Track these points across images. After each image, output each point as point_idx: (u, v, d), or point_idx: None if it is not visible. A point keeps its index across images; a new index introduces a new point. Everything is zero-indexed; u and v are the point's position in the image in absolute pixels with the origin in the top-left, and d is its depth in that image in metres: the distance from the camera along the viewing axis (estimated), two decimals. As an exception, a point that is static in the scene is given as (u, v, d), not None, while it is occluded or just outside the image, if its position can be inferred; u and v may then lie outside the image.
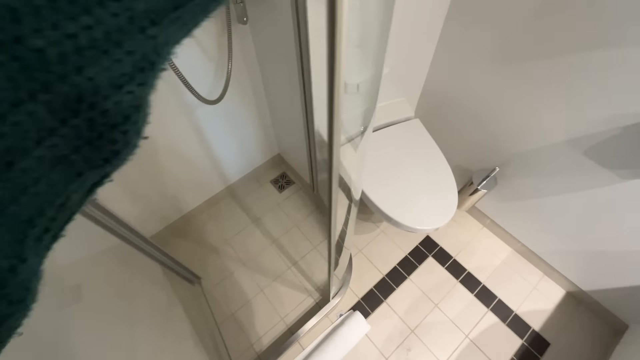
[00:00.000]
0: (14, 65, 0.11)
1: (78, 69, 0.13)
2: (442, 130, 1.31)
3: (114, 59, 0.13)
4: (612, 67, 0.76)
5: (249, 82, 1.23)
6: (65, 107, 0.13)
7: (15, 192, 0.13)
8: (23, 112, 0.12)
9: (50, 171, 0.14)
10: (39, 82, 0.12)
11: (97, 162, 0.16)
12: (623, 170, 0.87)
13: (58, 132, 0.14)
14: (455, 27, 1.03)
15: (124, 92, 0.14)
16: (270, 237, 1.48)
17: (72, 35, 0.12)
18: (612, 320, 1.20)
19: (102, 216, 0.77)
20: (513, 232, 1.37)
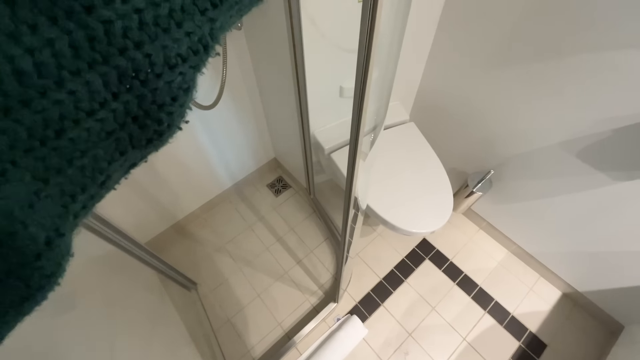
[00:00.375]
0: (81, 34, 0.12)
1: (138, 44, 0.13)
2: (437, 133, 1.32)
3: (173, 38, 0.14)
4: (603, 70, 0.77)
5: (243, 87, 1.23)
6: (120, 80, 0.13)
7: (62, 162, 0.14)
8: (80, 81, 0.12)
9: (97, 145, 0.15)
10: (100, 54, 0.12)
11: (140, 142, 0.16)
12: (616, 172, 0.88)
13: (109, 106, 0.14)
14: (448, 31, 1.04)
15: (176, 72, 0.15)
16: (266, 242, 1.47)
17: (139, 10, 0.12)
18: (608, 321, 1.20)
19: (96, 223, 0.77)
20: (509, 234, 1.37)
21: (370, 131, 0.63)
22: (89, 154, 0.15)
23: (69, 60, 0.12)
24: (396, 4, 0.68)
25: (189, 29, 0.14)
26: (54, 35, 0.11)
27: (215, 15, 0.14)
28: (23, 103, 0.11)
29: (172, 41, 0.14)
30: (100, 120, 0.14)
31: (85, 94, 0.13)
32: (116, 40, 0.12)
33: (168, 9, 0.13)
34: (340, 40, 0.92)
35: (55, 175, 0.14)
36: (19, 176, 0.12)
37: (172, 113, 0.16)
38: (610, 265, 1.06)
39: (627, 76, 0.74)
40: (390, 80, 0.61)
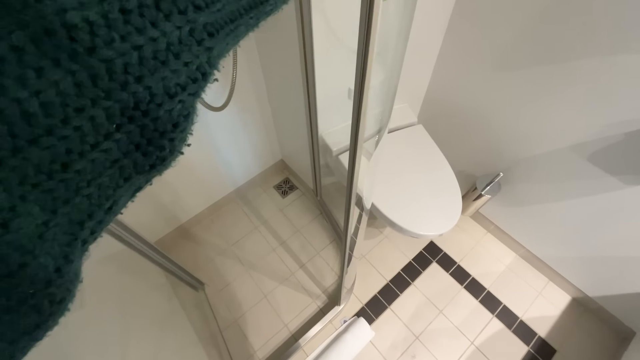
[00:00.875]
0: (84, 73, 0.12)
1: (138, 78, 0.13)
2: (445, 135, 1.32)
3: (171, 70, 0.14)
4: (616, 73, 0.76)
5: (252, 89, 1.24)
6: (122, 113, 0.14)
7: (69, 193, 0.14)
8: (85, 117, 0.13)
9: (102, 174, 0.15)
10: (103, 90, 0.13)
11: (144, 167, 0.17)
12: (628, 176, 0.87)
13: (113, 137, 0.14)
14: (458, 33, 1.04)
15: (176, 101, 0.15)
16: (273, 243, 1.47)
17: (138, 47, 0.13)
18: (619, 327, 1.18)
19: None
20: (517, 237, 1.36)
21: (373, 133, 0.64)
22: (95, 183, 0.15)
23: (73, 98, 0.12)
24: (397, 6, 0.69)
25: (187, 59, 0.14)
26: (58, 77, 0.12)
27: (212, 44, 0.15)
28: (31, 142, 0.12)
29: (171, 72, 0.14)
30: (104, 151, 0.14)
31: (89, 128, 0.13)
32: (117, 76, 0.13)
33: (166, 43, 0.13)
34: (351, 42, 0.92)
35: (63, 206, 0.14)
36: (28, 210, 0.12)
37: (174, 139, 0.17)
38: (622, 271, 1.05)
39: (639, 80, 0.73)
40: (395, 82, 0.62)
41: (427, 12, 0.97)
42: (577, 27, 0.77)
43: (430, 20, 1.01)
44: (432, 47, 1.12)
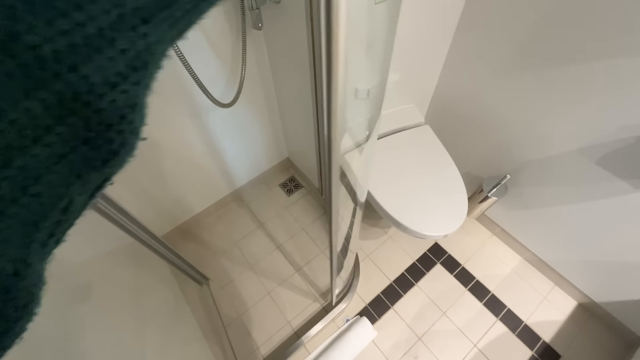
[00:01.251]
0: (11, 62, 0.12)
1: (72, 67, 0.13)
2: (452, 136, 1.31)
3: (107, 57, 0.13)
4: (627, 76, 0.75)
5: (260, 87, 1.25)
6: (61, 105, 0.13)
7: (15, 192, 0.13)
8: (20, 109, 0.12)
9: (49, 171, 0.14)
10: (34, 80, 0.12)
11: (95, 162, 0.16)
12: (637, 180, 0.86)
13: (54, 131, 0.14)
14: (467, 35, 1.04)
15: (118, 91, 0.14)
16: (277, 241, 1.48)
17: (65, 32, 0.12)
18: (625, 333, 1.17)
19: (116, 214, 0.79)
20: (523, 240, 1.35)
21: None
22: (43, 180, 0.14)
23: (4, 89, 0.12)
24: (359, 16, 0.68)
25: (122, 46, 0.14)
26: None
27: (146, 30, 0.14)
28: None
29: (109, 60, 0.13)
30: (47, 145, 0.14)
31: (27, 122, 0.13)
32: (48, 64, 0.12)
33: (96, 28, 0.13)
34: (359, 42, 0.93)
35: (11, 205, 0.13)
36: None
37: (123, 131, 0.16)
38: (629, 276, 1.04)
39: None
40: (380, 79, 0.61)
41: (436, 12, 0.97)
42: (587, 29, 0.77)
43: (438, 21, 1.01)
44: (441, 48, 1.11)
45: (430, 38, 1.05)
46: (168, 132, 1.11)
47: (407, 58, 1.07)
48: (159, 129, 1.08)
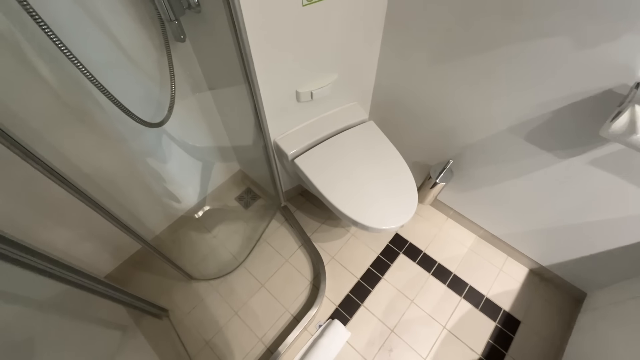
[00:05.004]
0: None
1: None
2: (397, 129, 1.35)
3: None
4: (537, 56, 0.82)
5: (197, 101, 1.19)
6: None
7: None
8: None
9: None
10: None
11: None
12: (559, 151, 0.94)
13: None
14: (395, 30, 1.07)
15: None
16: (240, 257, 1.43)
17: None
18: (572, 290, 1.27)
19: (42, 263, 0.70)
20: (475, 219, 1.42)
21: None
22: None
23: None
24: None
25: None
26: None
27: None
28: None
29: None
30: None
31: None
32: None
33: None
34: (291, 45, 0.92)
35: None
36: None
37: None
38: (568, 238, 1.13)
39: (556, 61, 0.79)
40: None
41: (363, 10, 0.99)
42: (497, 18, 0.82)
43: (367, 18, 1.03)
44: (374, 44, 1.13)
45: (361, 36, 1.06)
46: (106, 159, 1.03)
47: (343, 57, 1.08)
48: (92, 158, 0.99)
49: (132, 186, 1.18)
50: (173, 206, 1.43)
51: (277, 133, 1.18)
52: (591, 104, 0.80)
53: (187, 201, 1.48)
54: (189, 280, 1.35)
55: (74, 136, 0.92)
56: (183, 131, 1.26)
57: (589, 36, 0.72)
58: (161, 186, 1.34)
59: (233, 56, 0.86)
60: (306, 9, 0.86)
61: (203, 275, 1.36)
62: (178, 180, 1.38)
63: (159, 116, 1.01)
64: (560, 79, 0.81)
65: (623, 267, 1.04)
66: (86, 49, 0.78)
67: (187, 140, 1.31)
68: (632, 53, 0.69)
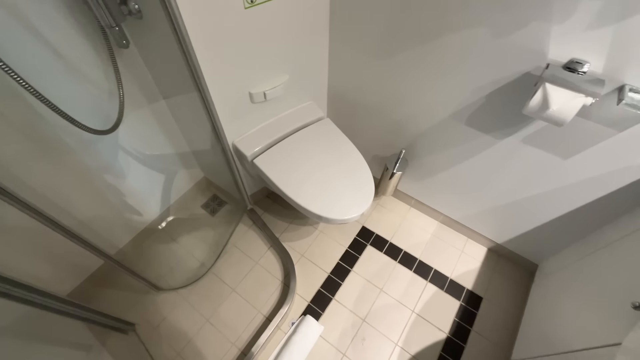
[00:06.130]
0: None
1: None
2: (353, 125, 1.40)
3: None
4: (465, 47, 0.89)
5: (152, 110, 1.19)
6: None
7: None
8: None
9: None
10: None
11: None
12: (496, 132, 1.02)
13: None
14: (341, 28, 1.12)
15: None
16: (208, 263, 1.41)
17: None
18: (526, 263, 1.36)
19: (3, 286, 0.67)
20: (434, 205, 1.50)
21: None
22: None
23: None
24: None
25: None
26: None
27: None
28: None
29: None
30: None
31: None
32: None
33: None
34: (237, 48, 0.94)
35: None
36: None
37: None
38: (514, 214, 1.22)
39: (481, 50, 0.87)
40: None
41: (306, 15, 1.03)
42: (427, 11, 0.89)
43: (311, 22, 1.07)
44: (322, 43, 1.18)
45: (308, 36, 1.10)
46: (61, 174, 1.00)
47: (292, 57, 1.12)
48: (44, 175, 0.96)
49: (90, 201, 1.15)
50: (135, 219, 1.40)
51: (235, 135, 1.19)
52: (515, 86, 0.88)
53: (149, 213, 1.45)
54: (156, 291, 1.32)
55: (22, 152, 0.89)
56: (139, 142, 1.25)
57: (505, 25, 0.80)
58: (121, 200, 1.31)
59: (180, 62, 0.87)
60: (249, 12, 0.89)
61: (171, 286, 1.33)
62: (138, 192, 1.35)
63: (109, 125, 0.99)
64: (486, 65, 0.89)
65: (565, 235, 1.14)
66: (23, 57, 0.77)
67: (145, 151, 1.30)
68: (540, 38, 0.77)
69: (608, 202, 0.95)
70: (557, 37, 0.75)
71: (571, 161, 0.93)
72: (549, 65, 0.77)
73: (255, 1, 0.89)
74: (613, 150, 0.84)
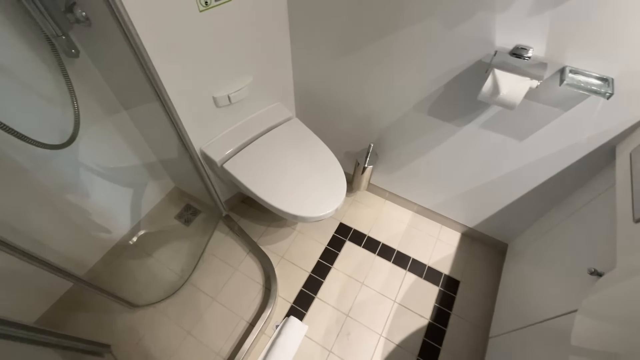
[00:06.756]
0: None
1: None
2: (322, 123, 1.41)
3: None
4: (420, 39, 0.92)
5: (111, 119, 1.14)
6: None
7: None
8: None
9: None
10: None
11: None
12: (457, 120, 1.06)
13: None
14: (301, 28, 1.13)
15: None
16: (186, 274, 1.37)
17: None
18: (497, 244, 1.42)
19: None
20: (408, 196, 1.53)
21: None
22: None
23: None
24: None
25: None
26: None
27: None
28: None
29: None
30: None
31: None
32: None
33: None
34: (195, 52, 0.93)
35: None
36: None
37: None
38: (481, 197, 1.27)
39: (435, 41, 0.90)
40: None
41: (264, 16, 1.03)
42: (384, 5, 0.91)
43: (270, 22, 1.07)
44: (283, 44, 1.18)
45: (268, 37, 1.10)
46: (23, 194, 0.95)
47: (254, 59, 1.11)
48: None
49: (51, 222, 1.10)
50: (104, 237, 1.34)
51: (202, 141, 1.17)
52: (469, 75, 0.92)
53: (119, 229, 1.40)
54: (132, 309, 1.27)
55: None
56: (102, 156, 1.20)
57: (454, 16, 0.83)
58: (86, 218, 1.26)
59: (136, 70, 0.85)
60: (204, 15, 0.88)
61: (147, 301, 1.29)
62: (105, 208, 1.30)
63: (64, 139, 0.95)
64: (441, 56, 0.92)
65: (529, 213, 1.20)
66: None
67: (109, 165, 1.25)
68: (487, 27, 0.81)
69: (563, 177, 1.00)
70: (502, 25, 0.79)
71: (526, 142, 0.98)
72: (497, 52, 0.82)
73: (210, 4, 0.88)
74: (562, 129, 0.89)
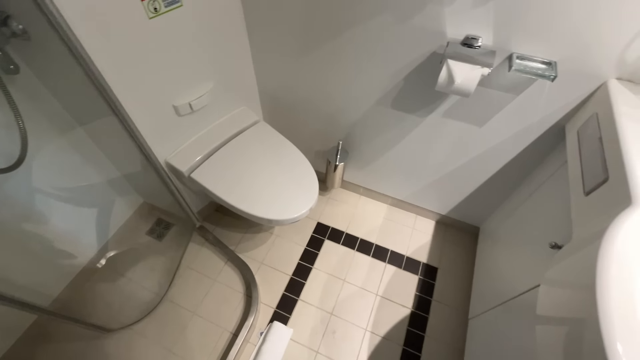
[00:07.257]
0: None
1: None
2: (290, 125, 1.41)
3: None
4: (375, 34, 0.94)
5: (66, 137, 1.09)
6: None
7: None
8: None
9: None
10: None
11: None
12: (420, 111, 1.08)
13: None
14: (258, 30, 1.12)
15: None
16: (162, 291, 1.32)
17: None
18: (469, 228, 1.47)
19: None
20: (381, 190, 1.55)
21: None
22: None
23: None
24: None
25: None
26: None
27: None
28: None
29: None
30: None
31: None
32: None
33: None
34: (148, 60, 0.89)
35: None
36: None
37: None
38: (450, 183, 1.31)
39: (390, 35, 0.92)
40: None
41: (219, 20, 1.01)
42: (335, 5, 0.92)
43: (226, 26, 1.05)
44: (242, 47, 1.16)
45: (225, 41, 1.08)
46: None
47: (214, 64, 1.09)
48: None
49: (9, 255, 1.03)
50: (68, 263, 1.27)
51: (166, 153, 1.14)
52: (426, 66, 0.95)
53: (84, 252, 1.33)
54: (107, 334, 1.20)
55: None
56: (60, 177, 1.14)
57: (406, 9, 0.85)
58: (47, 246, 1.18)
59: (86, 83, 0.80)
60: (154, 22, 0.85)
61: (123, 323, 1.23)
62: (67, 233, 1.23)
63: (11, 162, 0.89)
64: (398, 49, 0.94)
65: (496, 195, 1.25)
66: None
67: (67, 186, 1.18)
68: (437, 19, 0.83)
69: (522, 159, 1.05)
70: (451, 17, 0.82)
71: (486, 128, 1.02)
72: (449, 43, 0.84)
73: (159, 10, 0.85)
74: (515, 113, 0.94)
